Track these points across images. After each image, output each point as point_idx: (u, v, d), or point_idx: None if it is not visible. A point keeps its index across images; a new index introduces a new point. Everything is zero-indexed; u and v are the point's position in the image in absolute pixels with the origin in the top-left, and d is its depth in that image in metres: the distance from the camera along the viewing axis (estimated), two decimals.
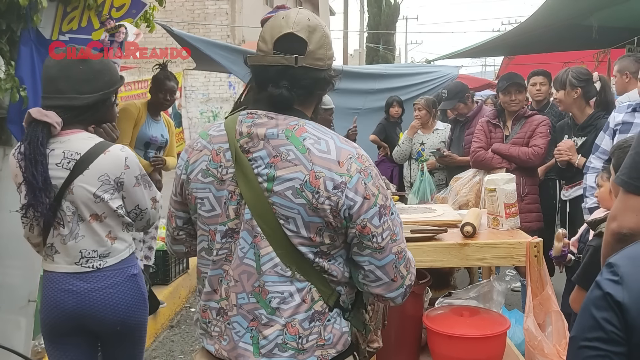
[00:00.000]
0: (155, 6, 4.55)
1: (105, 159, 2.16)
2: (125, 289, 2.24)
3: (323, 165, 1.43)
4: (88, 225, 2.18)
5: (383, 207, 1.47)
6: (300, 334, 1.49)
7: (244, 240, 1.50)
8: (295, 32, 1.48)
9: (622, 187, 1.51)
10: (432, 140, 5.51)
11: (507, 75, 4.24)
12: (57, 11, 3.29)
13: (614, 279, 1.08)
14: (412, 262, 1.58)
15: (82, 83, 2.17)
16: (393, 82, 8.58)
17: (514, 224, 2.42)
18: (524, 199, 3.87)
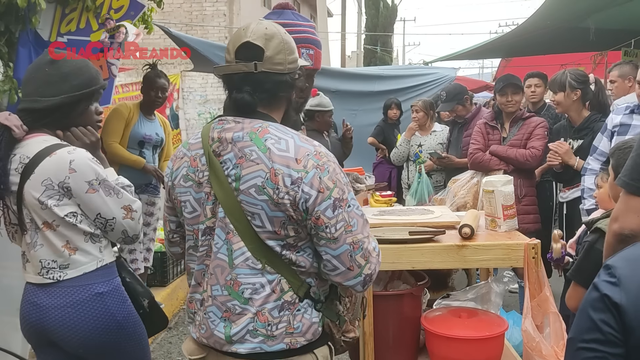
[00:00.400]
0: (153, 8, 4.56)
1: (49, 162, 2.00)
2: (86, 310, 2.03)
3: (282, 163, 1.55)
4: (43, 234, 2.04)
5: (338, 200, 1.56)
6: (269, 321, 1.61)
7: (218, 236, 1.63)
8: (252, 41, 1.61)
9: (624, 189, 1.51)
10: (429, 142, 5.52)
11: (504, 76, 4.26)
12: (56, 13, 3.30)
13: (612, 281, 1.08)
14: (372, 252, 1.62)
15: (45, 85, 2.07)
16: (391, 83, 8.60)
17: (511, 225, 2.43)
18: (521, 201, 3.88)
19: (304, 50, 2.11)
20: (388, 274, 2.62)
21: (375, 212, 2.78)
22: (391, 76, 8.80)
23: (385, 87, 8.44)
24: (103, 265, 2.09)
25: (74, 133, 2.15)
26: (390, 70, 9.96)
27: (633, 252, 1.13)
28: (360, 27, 21.15)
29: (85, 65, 2.18)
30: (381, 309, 2.32)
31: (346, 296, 1.82)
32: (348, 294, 1.83)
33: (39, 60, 2.19)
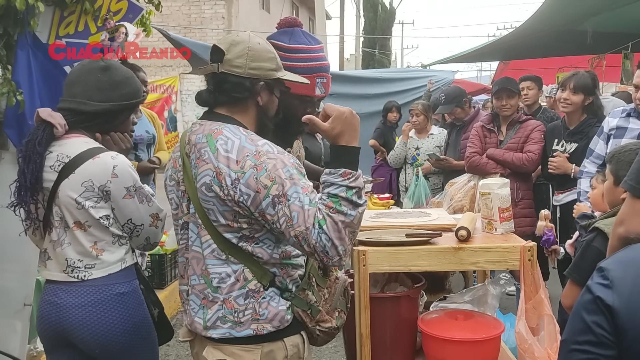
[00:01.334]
0: (151, 10, 4.57)
1: (92, 164, 2.06)
2: (107, 309, 2.06)
3: (224, 163, 1.67)
4: (72, 233, 2.08)
5: (277, 196, 1.61)
6: (236, 309, 1.74)
7: (192, 231, 1.80)
8: (218, 44, 1.81)
9: (629, 192, 1.49)
10: (427, 144, 5.54)
11: (500, 80, 4.28)
12: (54, 15, 3.30)
13: (604, 283, 1.09)
14: (314, 241, 1.57)
15: (96, 90, 2.14)
16: (389, 86, 8.63)
17: (508, 228, 2.44)
18: (518, 204, 3.90)
19: (319, 80, 2.14)
20: (385, 276, 2.63)
21: (372, 215, 2.79)
22: (389, 79, 8.84)
23: (383, 90, 8.47)
24: (126, 267, 2.15)
25: (113, 138, 2.23)
26: (388, 73, 9.99)
27: (626, 254, 1.14)
28: (358, 30, 21.17)
29: (132, 77, 2.28)
30: (378, 311, 2.32)
31: (325, 287, 1.92)
32: (327, 284, 1.94)
33: (90, 64, 2.24)
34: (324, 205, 1.59)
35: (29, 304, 3.21)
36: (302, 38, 2.16)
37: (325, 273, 1.99)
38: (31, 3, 2.89)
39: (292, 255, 1.83)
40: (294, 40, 2.14)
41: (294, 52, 2.13)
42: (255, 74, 1.79)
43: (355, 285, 2.27)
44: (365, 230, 2.51)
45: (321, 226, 1.57)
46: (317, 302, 1.87)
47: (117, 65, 2.27)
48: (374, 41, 22.21)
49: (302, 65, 2.11)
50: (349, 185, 1.60)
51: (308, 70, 2.12)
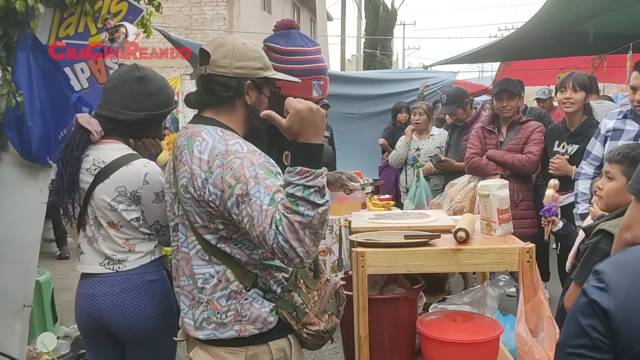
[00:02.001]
0: (152, 12, 4.57)
1: (125, 171, 2.19)
2: (138, 295, 2.22)
3: (197, 164, 1.69)
4: (106, 231, 2.23)
5: (241, 195, 1.59)
6: (219, 310, 1.75)
7: (181, 232, 1.82)
8: (203, 47, 1.83)
9: (635, 197, 1.47)
10: (427, 145, 5.53)
11: (500, 81, 4.27)
12: (54, 17, 3.30)
13: (600, 286, 1.09)
14: (271, 242, 1.53)
15: (130, 100, 2.26)
16: (389, 87, 8.62)
17: (507, 229, 2.43)
18: (518, 205, 3.89)
19: (316, 82, 2.14)
20: (384, 278, 2.63)
21: (371, 216, 2.79)
22: (390, 80, 8.82)
23: (383, 91, 8.46)
24: (156, 259, 2.31)
25: (145, 144, 2.36)
26: (389, 74, 9.97)
27: (622, 257, 1.14)
28: (360, 31, 21.18)
29: (166, 85, 2.39)
30: (376, 312, 2.32)
31: (315, 289, 1.90)
32: (317, 287, 1.91)
33: (126, 73, 2.33)
34: (282, 205, 1.53)
35: (28, 305, 3.21)
36: (298, 40, 2.16)
37: (315, 275, 1.96)
38: (31, 4, 2.90)
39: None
40: (290, 43, 2.14)
41: (290, 54, 2.12)
42: (241, 72, 1.80)
43: (353, 287, 2.26)
44: (364, 231, 2.51)
45: (277, 227, 1.52)
46: (305, 304, 1.85)
47: (151, 75, 2.36)
48: (375, 42, 22.19)
49: (299, 68, 2.11)
50: (305, 184, 1.53)
51: (304, 73, 2.11)
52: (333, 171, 2.79)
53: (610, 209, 2.35)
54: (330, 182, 2.67)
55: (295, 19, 14.51)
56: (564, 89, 3.75)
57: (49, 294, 3.96)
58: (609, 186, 2.38)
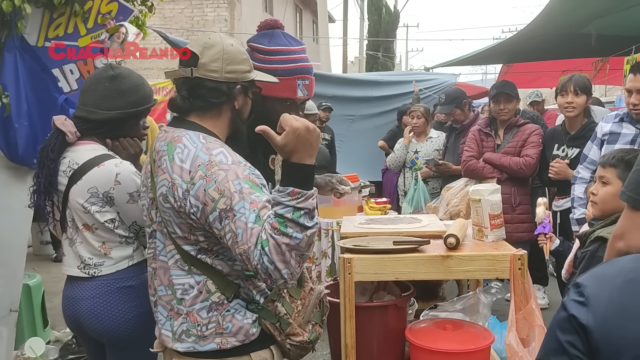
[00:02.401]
0: (147, 13, 4.54)
1: (97, 172, 2.15)
2: (112, 300, 2.19)
3: (178, 173, 1.60)
4: (82, 233, 2.21)
5: (224, 210, 1.52)
6: (199, 322, 1.68)
7: (159, 240, 1.74)
8: (190, 48, 1.73)
9: (628, 204, 1.40)
10: (425, 148, 5.47)
11: (498, 83, 4.21)
12: (43, 17, 3.26)
13: (580, 300, 1.03)
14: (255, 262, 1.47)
15: (104, 99, 2.23)
16: (389, 89, 8.56)
17: (499, 235, 2.37)
18: (515, 209, 3.83)
19: (300, 82, 2.08)
20: (374, 285, 2.57)
21: (362, 221, 2.73)
22: (390, 82, 8.75)
23: (383, 93, 8.40)
24: (134, 264, 2.24)
25: (122, 143, 2.31)
26: (389, 76, 9.90)
27: (604, 269, 1.08)
28: (362, 33, 21.11)
29: (142, 83, 2.33)
30: (364, 320, 2.27)
31: (298, 299, 1.83)
32: (301, 296, 1.85)
33: (100, 72, 2.32)
34: (269, 225, 1.47)
35: (15, 310, 3.17)
36: (282, 40, 2.11)
37: (299, 284, 1.89)
38: (18, 5, 2.86)
39: None
40: (273, 42, 2.09)
41: (273, 54, 2.07)
42: (232, 77, 1.73)
43: (340, 294, 2.21)
44: (354, 236, 2.46)
45: (263, 247, 1.46)
46: (289, 314, 1.78)
47: (126, 74, 2.31)
48: (377, 44, 22.12)
49: (282, 67, 2.06)
50: (296, 206, 1.48)
51: (288, 72, 2.06)
52: (323, 174, 2.73)
53: (605, 215, 2.28)
54: (320, 186, 2.62)
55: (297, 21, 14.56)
56: (565, 93, 3.67)
57: (39, 298, 3.91)
58: (604, 191, 2.31)
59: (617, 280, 1.03)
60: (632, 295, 1.01)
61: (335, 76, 9.34)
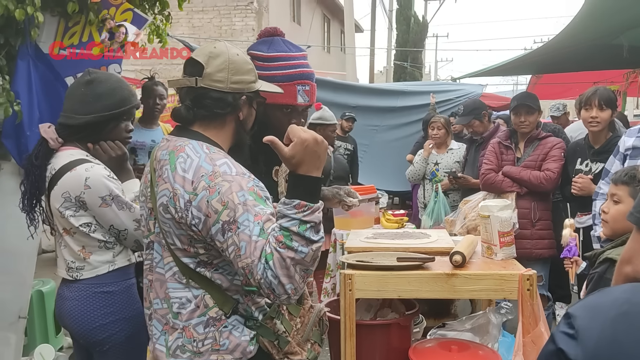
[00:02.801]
0: (167, 22, 4.56)
1: (69, 177, 2.16)
2: (91, 304, 2.20)
3: (180, 184, 1.56)
4: (64, 238, 2.24)
5: (227, 222, 1.48)
6: (195, 337, 1.63)
7: (156, 251, 1.69)
8: (194, 57, 1.69)
9: (637, 226, 1.30)
10: (446, 160, 5.36)
11: (519, 95, 4.07)
12: (59, 26, 3.29)
13: (570, 333, 0.95)
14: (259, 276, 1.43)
15: (80, 104, 2.25)
16: (414, 99, 8.47)
17: (509, 253, 2.28)
18: (535, 225, 3.70)
19: (300, 87, 2.04)
20: (379, 302, 2.50)
21: (368, 235, 2.66)
22: (415, 92, 8.67)
23: (408, 103, 8.32)
24: (115, 269, 2.24)
25: (102, 147, 2.31)
26: (414, 86, 9.80)
27: (597, 299, 1.00)
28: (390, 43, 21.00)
29: (119, 87, 2.33)
30: (366, 339, 2.20)
31: (298, 316, 1.78)
32: (301, 314, 1.80)
33: (79, 78, 2.35)
34: (274, 238, 1.44)
35: (23, 317, 3.17)
36: (281, 46, 2.08)
37: (299, 301, 1.83)
38: (30, 13, 2.87)
39: None
40: (272, 49, 2.06)
41: (272, 60, 2.05)
42: (237, 88, 1.69)
43: (340, 311, 2.14)
44: (358, 251, 2.39)
45: (267, 261, 1.42)
46: (287, 331, 1.73)
47: (103, 77, 2.33)
48: (405, 54, 21.97)
49: (281, 74, 2.03)
50: (302, 219, 1.44)
51: (287, 78, 2.03)
52: (332, 186, 2.67)
53: (617, 235, 2.17)
54: (327, 198, 2.55)
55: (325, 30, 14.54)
56: (589, 107, 3.53)
57: (52, 304, 3.91)
58: (615, 209, 2.19)
59: (610, 313, 0.95)
60: (625, 330, 0.92)
61: (359, 86, 9.29)
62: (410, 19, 22.85)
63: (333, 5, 19.95)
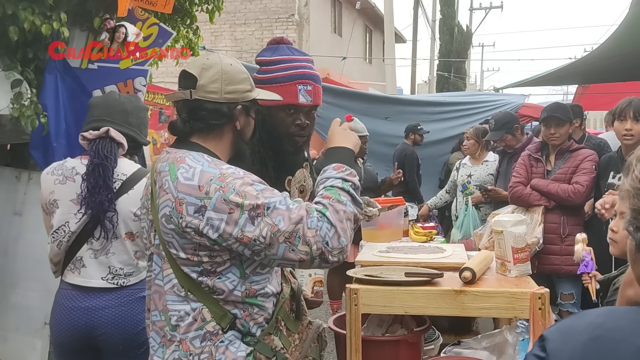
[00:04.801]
0: (200, 36, 4.66)
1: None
2: (133, 309, 2.31)
3: (185, 192, 1.56)
4: (122, 242, 2.35)
5: (253, 209, 1.51)
6: (191, 351, 1.62)
7: (156, 263, 1.70)
8: (188, 70, 1.70)
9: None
10: (480, 172, 5.24)
11: (549, 106, 3.94)
12: (87, 40, 3.39)
13: (541, 356, 0.91)
14: (311, 232, 1.50)
15: (143, 127, 2.56)
16: (453, 110, 8.29)
17: (523, 270, 2.19)
18: (564, 240, 3.57)
19: (302, 87, 2.03)
20: (391, 317, 2.44)
21: (381, 249, 2.61)
22: (452, 103, 8.51)
23: (444, 115, 8.16)
24: None
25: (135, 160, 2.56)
26: (453, 97, 9.65)
27: (572, 322, 0.95)
28: (433, 53, 20.82)
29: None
30: (373, 356, 2.15)
31: (296, 332, 1.76)
32: (299, 329, 1.78)
33: (137, 101, 2.63)
34: (321, 198, 1.56)
35: (49, 323, 3.25)
36: (285, 51, 2.09)
37: (297, 317, 1.81)
38: (56, 28, 2.97)
39: (259, 294, 1.67)
40: (276, 54, 2.09)
41: (274, 63, 2.06)
42: (231, 97, 1.70)
43: (347, 327, 2.10)
44: (369, 265, 2.35)
45: (323, 214, 1.52)
46: (285, 348, 1.71)
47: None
48: (449, 64, 21.74)
49: (282, 75, 2.03)
50: (344, 178, 1.60)
51: (288, 78, 2.03)
52: None
53: (625, 255, 2.04)
54: None
55: (367, 41, 14.49)
56: (623, 119, 3.38)
57: None
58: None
59: (581, 337, 0.90)
60: (595, 355, 0.87)
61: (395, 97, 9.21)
62: (453, 29, 22.59)
63: (375, 16, 19.96)
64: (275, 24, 14.43)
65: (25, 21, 2.88)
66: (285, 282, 1.82)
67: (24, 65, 3.10)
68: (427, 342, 2.50)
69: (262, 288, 1.68)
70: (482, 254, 2.34)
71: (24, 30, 2.93)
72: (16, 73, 3.03)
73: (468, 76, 27.10)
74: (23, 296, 3.21)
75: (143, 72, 3.50)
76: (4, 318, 3.22)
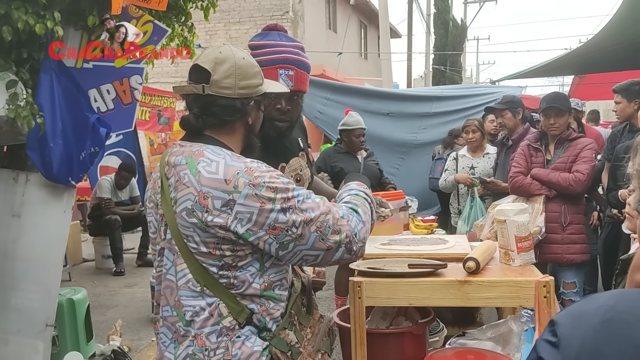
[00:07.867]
0: (195, 34, 4.63)
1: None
2: None
3: (210, 186, 1.53)
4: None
5: (284, 201, 1.54)
6: (207, 346, 1.59)
7: (167, 258, 1.66)
8: (200, 64, 1.66)
9: None
10: (482, 164, 5.19)
11: (548, 96, 3.92)
12: (82, 39, 3.36)
13: (552, 341, 0.89)
14: (341, 220, 1.60)
15: None
16: (450, 104, 8.27)
17: (527, 259, 2.18)
18: (566, 229, 3.56)
19: (283, 71, 2.02)
20: (395, 310, 2.43)
21: (383, 241, 2.60)
22: (451, 96, 8.46)
23: (443, 109, 8.11)
24: None
25: None
26: (450, 90, 9.59)
27: (582, 306, 0.93)
28: (428, 47, 20.74)
29: None
30: (378, 348, 2.14)
31: (308, 326, 1.75)
32: (311, 324, 1.77)
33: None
34: (350, 198, 1.73)
35: (50, 325, 3.23)
36: (274, 37, 2.11)
37: (308, 310, 1.80)
38: (50, 27, 2.95)
39: (276, 286, 1.66)
40: (265, 39, 2.10)
41: (260, 47, 2.07)
42: (245, 93, 1.66)
43: (350, 319, 2.09)
44: (371, 258, 2.33)
45: (354, 210, 1.66)
46: (299, 342, 1.69)
47: None
48: (445, 58, 21.68)
49: (265, 59, 2.02)
50: (366, 192, 1.77)
51: (270, 62, 2.03)
52: None
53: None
54: None
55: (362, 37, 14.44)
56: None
57: (83, 312, 3.99)
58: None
59: (593, 320, 0.88)
60: (608, 338, 0.85)
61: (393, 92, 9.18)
62: (448, 23, 22.50)
63: (369, 12, 19.90)
64: (270, 22, 14.20)
65: (18, 21, 2.85)
66: (295, 276, 1.80)
67: (18, 66, 3.07)
68: (431, 334, 2.49)
69: (279, 280, 1.66)
70: (485, 244, 2.33)
71: (17, 30, 2.90)
72: (11, 74, 3.00)
73: (464, 69, 27.04)
74: (23, 298, 3.18)
75: (139, 70, 3.48)
76: (5, 320, 3.20)
